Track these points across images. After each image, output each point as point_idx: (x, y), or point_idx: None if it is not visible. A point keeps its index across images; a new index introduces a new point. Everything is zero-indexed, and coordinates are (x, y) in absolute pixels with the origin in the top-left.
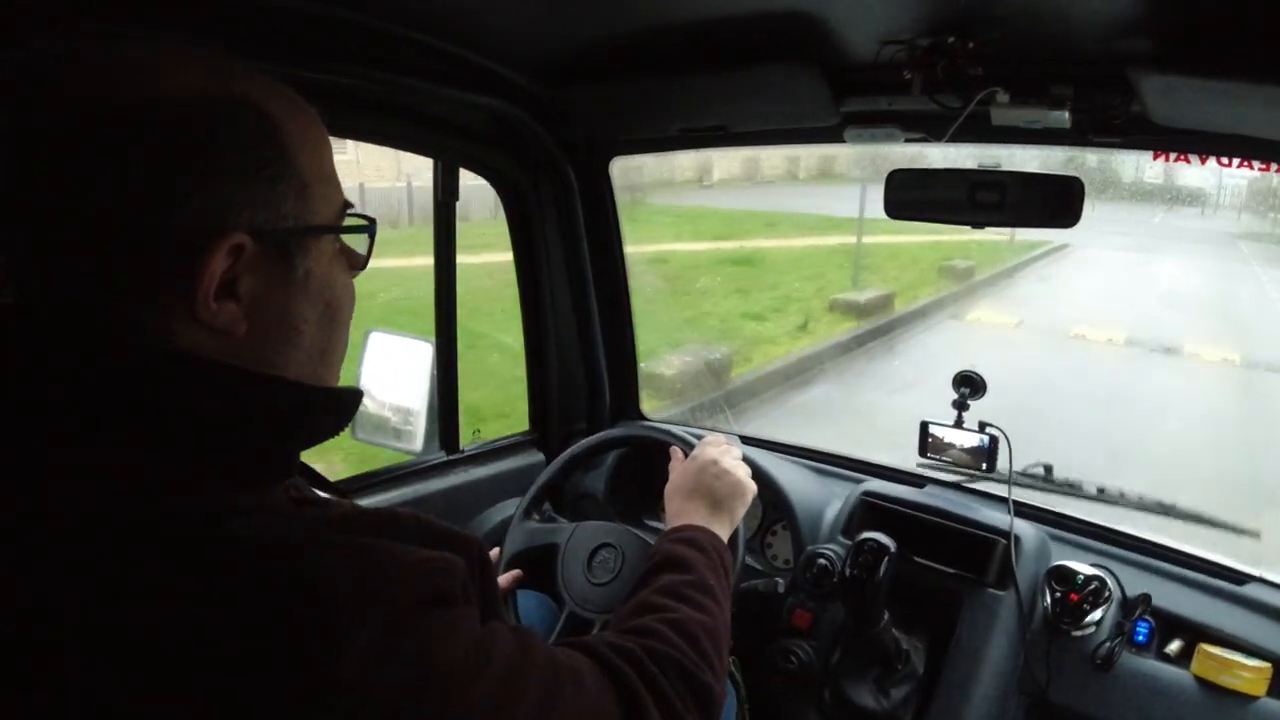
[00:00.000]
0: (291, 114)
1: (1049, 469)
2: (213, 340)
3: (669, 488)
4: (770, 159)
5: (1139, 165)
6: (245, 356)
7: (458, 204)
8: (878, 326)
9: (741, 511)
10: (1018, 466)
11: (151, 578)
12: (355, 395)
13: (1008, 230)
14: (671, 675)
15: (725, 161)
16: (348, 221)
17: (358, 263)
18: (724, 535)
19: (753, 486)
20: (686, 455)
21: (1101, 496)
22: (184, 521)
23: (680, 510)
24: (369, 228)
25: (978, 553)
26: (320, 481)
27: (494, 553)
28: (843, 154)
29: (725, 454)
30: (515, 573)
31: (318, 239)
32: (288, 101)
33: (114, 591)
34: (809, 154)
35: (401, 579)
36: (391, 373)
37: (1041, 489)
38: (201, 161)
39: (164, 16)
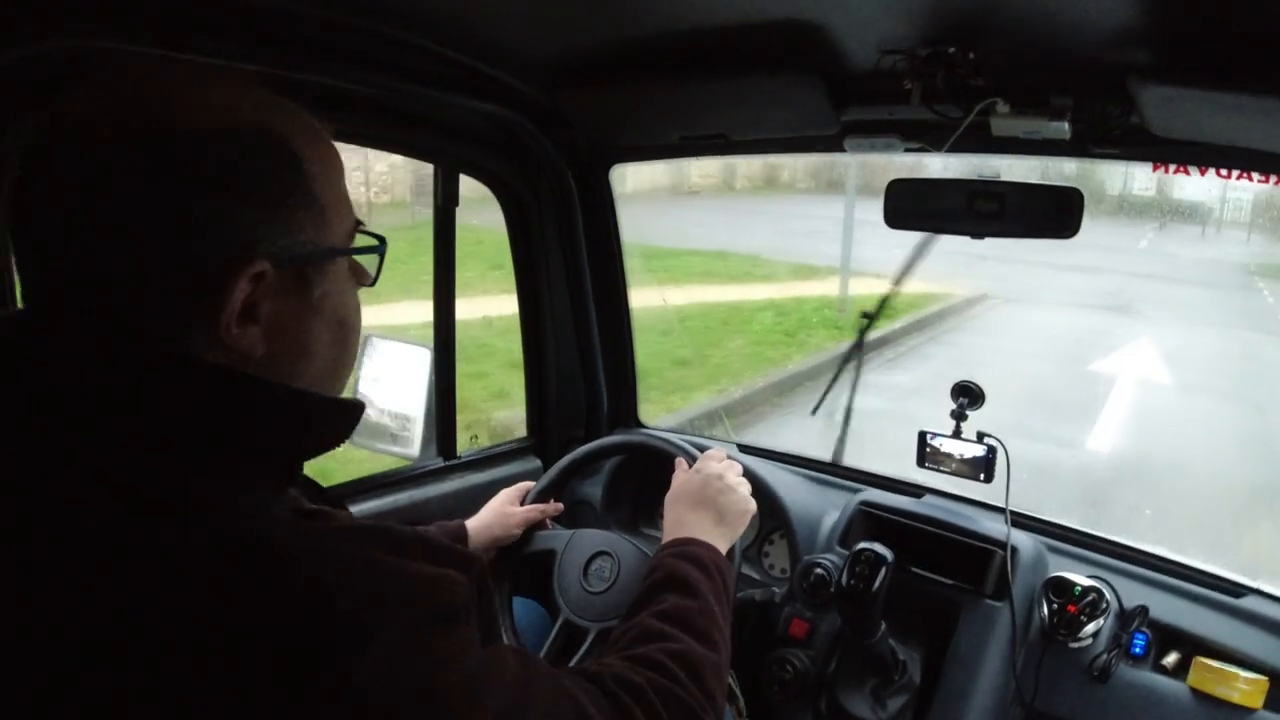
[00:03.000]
0: (312, 142)
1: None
2: (231, 360)
3: (671, 495)
4: (702, 164)
5: (1127, 174)
6: (261, 374)
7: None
8: None
9: (742, 529)
10: None
11: (162, 577)
12: (358, 407)
13: (839, 276)
14: (674, 712)
15: (646, 167)
16: (358, 241)
17: (366, 279)
18: (724, 551)
19: (754, 506)
20: (690, 465)
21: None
22: (194, 523)
23: (682, 520)
24: (379, 247)
25: (975, 563)
26: (314, 489)
27: None
28: (789, 161)
29: (729, 469)
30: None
31: (333, 261)
32: (309, 129)
33: (124, 590)
34: (749, 160)
35: (411, 594)
36: (390, 378)
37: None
38: (226, 192)
39: (165, 19)
